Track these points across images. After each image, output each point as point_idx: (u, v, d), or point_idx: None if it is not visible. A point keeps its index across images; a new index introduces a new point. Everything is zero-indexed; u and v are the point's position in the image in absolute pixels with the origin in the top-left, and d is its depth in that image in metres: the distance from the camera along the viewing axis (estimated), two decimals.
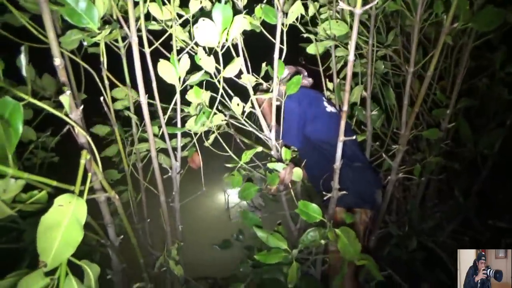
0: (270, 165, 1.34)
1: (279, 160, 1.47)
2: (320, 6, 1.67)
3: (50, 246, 0.58)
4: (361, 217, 1.64)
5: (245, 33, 1.49)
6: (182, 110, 1.50)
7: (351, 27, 1.62)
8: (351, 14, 1.64)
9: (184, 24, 1.47)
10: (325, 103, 1.83)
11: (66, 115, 0.82)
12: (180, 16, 1.36)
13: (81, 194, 0.70)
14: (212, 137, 1.55)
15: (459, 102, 1.78)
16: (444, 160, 1.84)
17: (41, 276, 0.59)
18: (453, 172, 2.12)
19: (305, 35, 1.66)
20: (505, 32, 1.92)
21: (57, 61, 0.85)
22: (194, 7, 1.29)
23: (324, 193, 1.36)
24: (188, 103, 1.52)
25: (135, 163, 1.68)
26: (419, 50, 1.95)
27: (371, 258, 1.14)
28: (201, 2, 1.29)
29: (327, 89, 1.96)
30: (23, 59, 0.82)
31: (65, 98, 0.76)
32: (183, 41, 1.52)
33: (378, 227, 1.88)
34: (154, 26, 1.40)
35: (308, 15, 1.63)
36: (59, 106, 1.25)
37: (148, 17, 1.35)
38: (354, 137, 1.27)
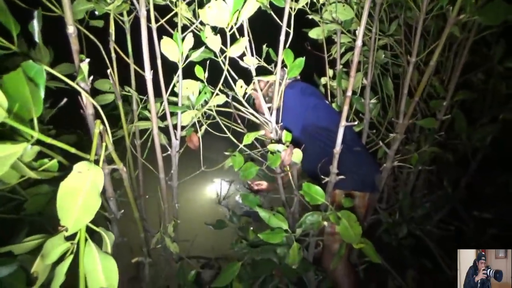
0: (270, 147, 1.36)
1: (279, 142, 1.49)
2: None
3: (71, 211, 0.59)
4: (360, 201, 1.68)
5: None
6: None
7: (355, 15, 1.63)
8: (360, 1, 1.65)
9: (189, 3, 1.45)
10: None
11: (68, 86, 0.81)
12: None
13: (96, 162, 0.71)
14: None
15: (457, 95, 1.82)
16: (438, 151, 1.89)
17: (62, 240, 0.59)
18: (443, 164, 2.19)
19: (310, 17, 1.66)
20: (503, 29, 1.97)
21: (71, 29, 0.84)
22: None
23: (322, 176, 1.39)
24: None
25: (133, 140, 1.67)
26: (420, 41, 1.97)
27: (369, 242, 1.18)
28: None
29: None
30: (36, 24, 0.80)
31: (85, 66, 0.75)
32: (188, 19, 1.50)
33: (371, 213, 1.93)
34: (161, 1, 1.38)
35: (318, 1, 1.62)
36: (53, 78, 1.23)
37: None
38: (355, 123, 1.30)
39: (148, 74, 1.22)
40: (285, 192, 1.72)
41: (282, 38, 1.37)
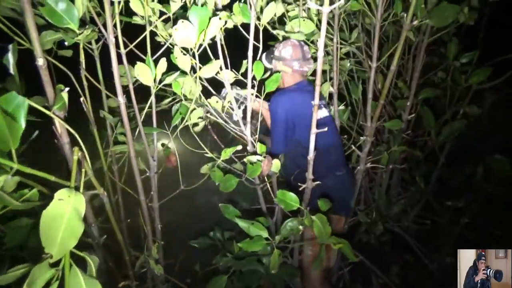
0: (248, 158, 1.40)
1: (255, 153, 1.53)
2: (288, 4, 1.74)
3: (54, 238, 0.61)
4: (338, 223, 1.74)
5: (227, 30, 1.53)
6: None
7: (316, 26, 1.71)
8: (318, 13, 1.73)
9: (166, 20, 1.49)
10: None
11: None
12: (161, 13, 1.38)
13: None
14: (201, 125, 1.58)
15: (420, 94, 1.93)
16: (407, 149, 1.98)
17: (47, 267, 0.61)
18: (414, 161, 2.29)
19: (275, 32, 1.73)
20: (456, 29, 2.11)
21: (41, 61, 0.86)
22: (175, 5, 1.32)
23: (299, 184, 1.44)
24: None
25: (110, 165, 1.68)
26: (380, 47, 2.08)
27: (347, 242, 1.23)
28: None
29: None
30: (10, 57, 0.82)
31: (65, 95, 0.77)
32: (163, 38, 1.54)
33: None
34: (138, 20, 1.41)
35: (277, 15, 1.70)
36: None
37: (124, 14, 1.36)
38: (325, 129, 1.34)
39: (120, 99, 1.24)
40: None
41: (250, 52, 1.43)
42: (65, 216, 0.63)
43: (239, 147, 1.42)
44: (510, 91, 2.67)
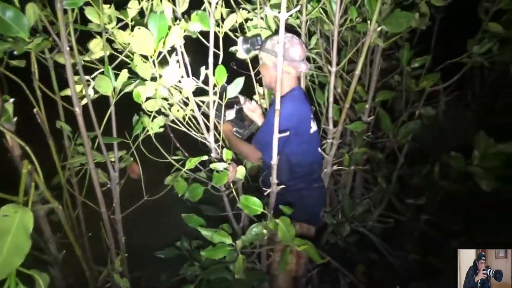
0: (213, 166, 1.39)
1: (220, 160, 1.53)
2: (248, 12, 1.76)
3: None
4: (307, 232, 1.77)
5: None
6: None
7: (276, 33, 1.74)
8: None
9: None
10: (311, 123, 1.75)
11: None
12: (119, 21, 1.36)
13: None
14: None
15: (377, 96, 2.00)
16: (368, 151, 2.05)
17: None
18: (375, 163, 2.37)
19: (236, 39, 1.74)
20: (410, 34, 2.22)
21: None
22: (132, 11, 1.30)
23: (264, 188, 1.45)
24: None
25: (69, 178, 1.62)
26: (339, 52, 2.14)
27: (310, 243, 1.25)
28: (139, 3, 1.30)
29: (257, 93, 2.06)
30: None
31: (9, 106, 0.74)
32: (121, 46, 1.51)
33: None
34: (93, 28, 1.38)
35: (237, 22, 1.71)
36: None
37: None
38: (287, 133, 1.36)
39: (77, 108, 1.21)
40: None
41: (210, 59, 1.44)
42: (10, 232, 0.60)
43: (205, 157, 1.42)
44: (462, 91, 2.84)
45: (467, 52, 2.03)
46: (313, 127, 1.75)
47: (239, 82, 1.48)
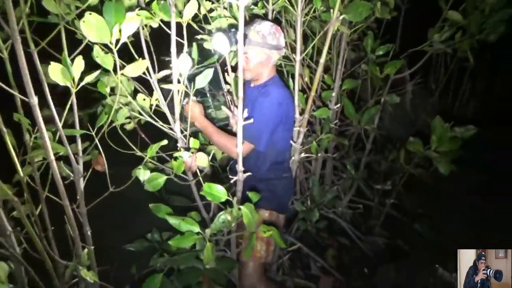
0: (176, 154, 1.39)
1: (186, 149, 1.52)
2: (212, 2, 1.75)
3: None
4: (277, 220, 1.79)
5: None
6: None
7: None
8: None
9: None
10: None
11: None
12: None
13: None
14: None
15: (344, 84, 2.04)
16: (334, 137, 2.09)
17: None
18: (344, 150, 2.42)
19: (201, 32, 1.72)
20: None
21: None
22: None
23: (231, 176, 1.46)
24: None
25: (30, 173, 1.56)
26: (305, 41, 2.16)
27: (275, 229, 1.27)
28: None
29: (226, 82, 2.05)
30: None
31: None
32: (81, 35, 1.46)
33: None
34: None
35: (201, 13, 1.69)
36: None
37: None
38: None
39: (32, 100, 1.17)
40: None
41: (173, 49, 1.42)
42: None
43: (165, 142, 1.39)
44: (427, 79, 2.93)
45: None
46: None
47: (208, 73, 1.47)
